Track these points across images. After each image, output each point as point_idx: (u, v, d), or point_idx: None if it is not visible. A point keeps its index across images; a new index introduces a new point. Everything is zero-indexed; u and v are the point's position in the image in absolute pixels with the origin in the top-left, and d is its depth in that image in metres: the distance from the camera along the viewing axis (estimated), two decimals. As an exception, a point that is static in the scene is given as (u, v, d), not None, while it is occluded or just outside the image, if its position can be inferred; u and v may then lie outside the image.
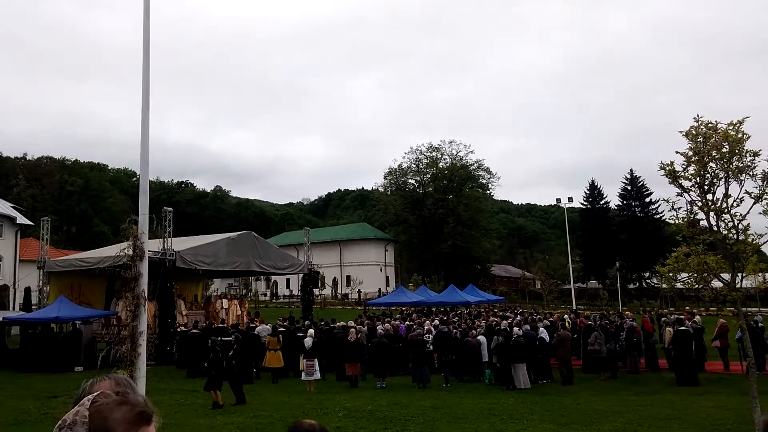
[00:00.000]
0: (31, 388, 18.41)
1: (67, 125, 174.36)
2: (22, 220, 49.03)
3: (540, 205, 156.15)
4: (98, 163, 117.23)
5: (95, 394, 1.46)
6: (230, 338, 21.00)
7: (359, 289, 67.01)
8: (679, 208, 10.14)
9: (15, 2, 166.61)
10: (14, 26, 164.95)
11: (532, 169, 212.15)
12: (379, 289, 70.34)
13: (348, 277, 76.33)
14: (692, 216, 10.05)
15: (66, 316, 24.09)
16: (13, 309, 36.72)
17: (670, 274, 10.15)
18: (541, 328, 20.84)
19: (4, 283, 39.94)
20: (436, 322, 24.71)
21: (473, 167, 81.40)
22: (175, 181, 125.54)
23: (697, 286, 9.87)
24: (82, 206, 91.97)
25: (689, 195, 9.97)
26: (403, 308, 36.42)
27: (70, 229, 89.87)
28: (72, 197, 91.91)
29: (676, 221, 10.18)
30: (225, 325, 25.19)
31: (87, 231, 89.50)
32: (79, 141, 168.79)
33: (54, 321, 24.26)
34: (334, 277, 76.50)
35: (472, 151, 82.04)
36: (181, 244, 27.55)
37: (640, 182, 75.19)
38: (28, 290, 37.81)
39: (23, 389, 18.40)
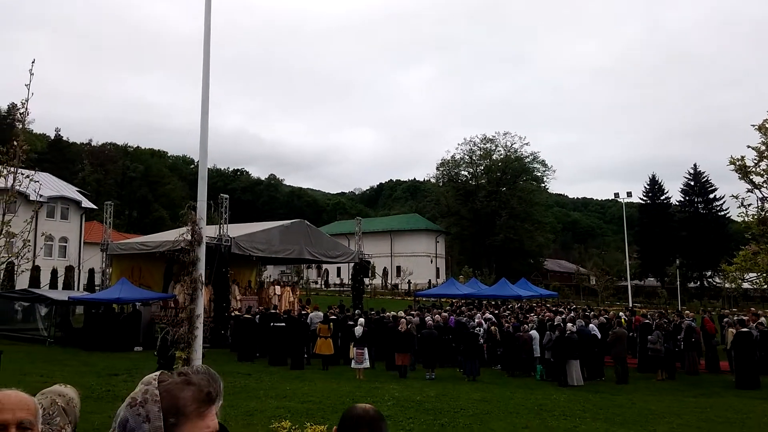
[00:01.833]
0: (93, 366, 19.13)
1: (129, 112, 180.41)
2: (87, 204, 50.99)
3: (596, 200, 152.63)
4: (158, 149, 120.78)
5: (158, 373, 1.47)
6: (282, 323, 21.38)
7: (409, 280, 67.03)
8: (749, 205, 9.70)
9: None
10: (79, 16, 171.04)
11: (589, 163, 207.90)
12: (429, 280, 70.19)
13: (398, 268, 76.40)
14: (763, 213, 9.59)
15: (127, 297, 24.94)
16: (78, 289, 38.23)
17: (737, 273, 9.73)
18: (592, 325, 20.37)
19: (69, 264, 41.63)
20: (488, 315, 24.52)
21: (528, 160, 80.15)
22: (231, 169, 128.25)
23: (765, 286, 9.43)
24: (142, 191, 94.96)
25: (761, 191, 9.51)
26: (453, 300, 36.24)
27: (131, 213, 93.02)
28: (133, 182, 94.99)
29: (745, 218, 9.75)
30: (277, 311, 25.57)
31: (147, 215, 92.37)
32: (140, 128, 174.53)
33: (115, 302, 25.13)
34: (385, 267, 76.68)
35: (527, 143, 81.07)
36: (236, 230, 28.07)
37: (704, 177, 72.63)
38: (91, 271, 39.32)
39: (86, 366, 19.13)
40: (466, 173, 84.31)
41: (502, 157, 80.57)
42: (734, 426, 11.97)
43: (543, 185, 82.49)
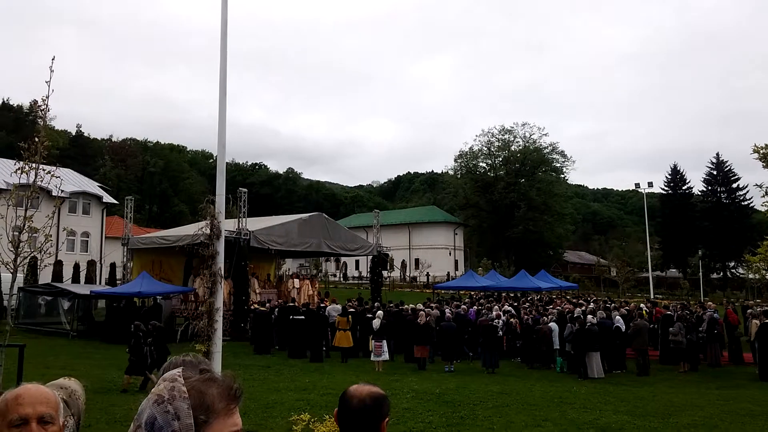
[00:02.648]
0: (115, 359, 19.33)
1: (149, 108, 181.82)
2: (108, 199, 51.63)
3: (617, 190, 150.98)
4: (177, 144, 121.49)
5: (179, 369, 1.45)
6: (302, 317, 21.46)
7: (428, 272, 66.95)
8: (773, 194, 9.51)
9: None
10: (97, 11, 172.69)
11: (610, 153, 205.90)
12: (448, 272, 70.07)
13: (416, 260, 76.35)
14: (788, 202, 9.41)
15: (147, 291, 25.21)
16: (100, 283, 38.71)
17: (761, 264, 9.55)
18: (617, 317, 20.20)
19: (91, 259, 42.15)
20: (507, 307, 24.43)
21: (547, 150, 79.38)
22: (249, 163, 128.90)
23: (790, 277, 9.26)
24: (162, 186, 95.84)
25: (785, 180, 9.32)
26: (472, 293, 36.15)
27: (151, 207, 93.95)
28: (153, 177, 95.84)
29: (770, 208, 9.56)
30: (296, 304, 25.66)
31: (167, 210, 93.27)
32: (160, 123, 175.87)
33: (136, 295, 25.43)
34: (403, 260, 76.70)
35: (545, 134, 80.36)
36: (255, 224, 28.20)
37: (726, 167, 71.60)
38: (113, 266, 39.76)
39: (108, 359, 19.36)
40: (484, 165, 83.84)
41: (520, 148, 79.95)
42: (757, 418, 11.79)
43: (562, 176, 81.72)
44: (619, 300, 34.38)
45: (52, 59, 9.59)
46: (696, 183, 75.33)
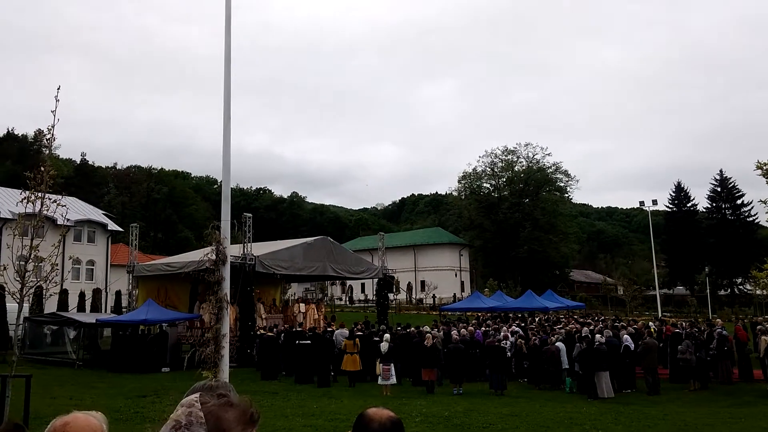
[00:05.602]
0: (121, 387, 19.26)
1: (153, 135, 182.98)
2: (112, 226, 51.77)
3: (621, 209, 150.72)
4: (182, 171, 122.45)
5: (198, 395, 1.46)
6: (308, 341, 21.36)
7: (434, 294, 66.69)
8: (778, 210, 9.50)
9: (99, 16, 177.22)
10: (102, 40, 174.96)
11: (613, 172, 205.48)
12: (454, 294, 69.77)
13: (422, 282, 76.05)
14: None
15: (153, 318, 25.15)
16: (105, 311, 38.63)
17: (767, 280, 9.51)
18: (626, 336, 20.06)
19: (96, 287, 42.12)
20: (514, 327, 24.30)
21: (550, 170, 79.53)
22: (253, 188, 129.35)
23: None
24: (167, 213, 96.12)
25: (789, 195, 9.32)
26: (479, 314, 35.97)
27: (156, 234, 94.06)
28: (158, 204, 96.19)
29: (775, 223, 9.54)
30: (302, 328, 25.57)
31: (172, 236, 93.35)
32: (164, 150, 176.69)
33: (142, 323, 25.34)
34: (409, 282, 76.43)
35: (549, 154, 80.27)
36: (260, 249, 28.21)
37: (730, 183, 71.67)
38: (118, 293, 39.68)
39: (114, 388, 19.26)
40: (488, 185, 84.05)
41: (524, 168, 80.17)
42: (771, 437, 11.66)
43: (566, 195, 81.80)
44: (627, 318, 34.20)
45: (58, 88, 9.73)
46: (700, 200, 75.22)
